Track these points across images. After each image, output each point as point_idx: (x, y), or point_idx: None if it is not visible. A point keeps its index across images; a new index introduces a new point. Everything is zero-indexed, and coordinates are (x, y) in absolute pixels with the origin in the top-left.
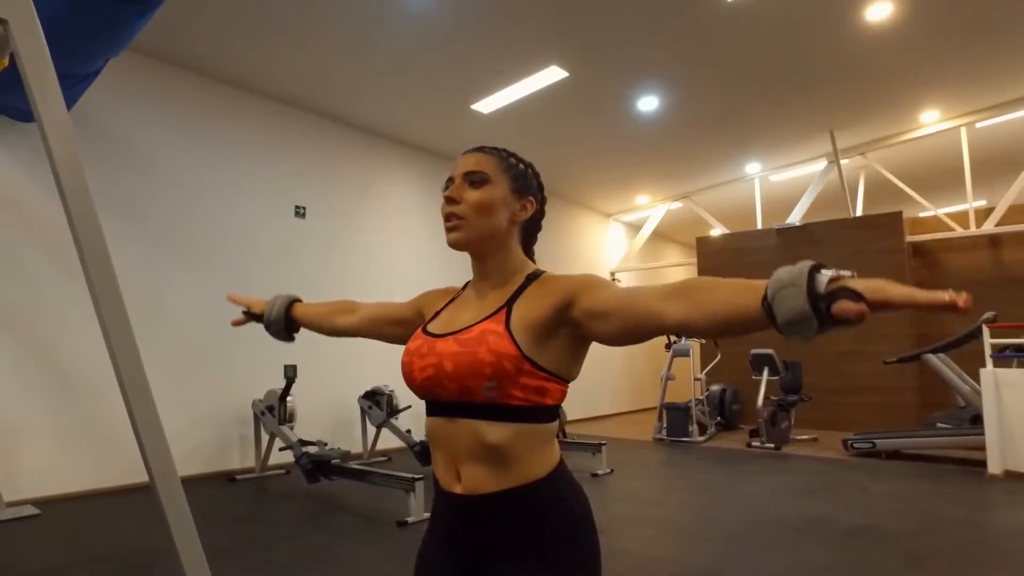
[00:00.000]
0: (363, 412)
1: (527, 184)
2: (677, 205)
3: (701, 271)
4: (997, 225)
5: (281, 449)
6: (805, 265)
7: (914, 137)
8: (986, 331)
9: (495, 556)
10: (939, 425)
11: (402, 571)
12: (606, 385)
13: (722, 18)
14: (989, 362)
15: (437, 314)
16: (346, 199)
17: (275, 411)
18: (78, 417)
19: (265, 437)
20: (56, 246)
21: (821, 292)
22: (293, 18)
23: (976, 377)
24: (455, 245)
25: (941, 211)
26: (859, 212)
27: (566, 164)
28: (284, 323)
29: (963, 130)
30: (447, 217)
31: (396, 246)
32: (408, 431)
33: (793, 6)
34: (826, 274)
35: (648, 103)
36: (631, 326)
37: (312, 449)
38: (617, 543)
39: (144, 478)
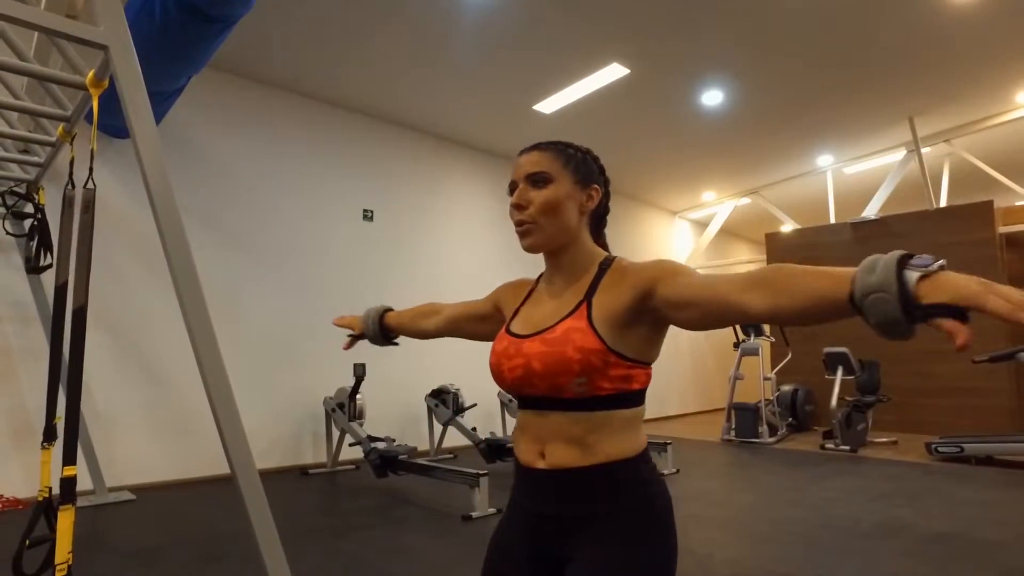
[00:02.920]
0: (430, 410)
1: (589, 172)
2: (745, 201)
3: None
4: None
5: (351, 445)
6: (892, 263)
7: (1007, 120)
8: None
9: (570, 536)
10: None
11: (466, 562)
12: (674, 386)
13: (787, 4)
14: None
15: (516, 312)
16: (412, 202)
17: (345, 408)
18: (168, 411)
19: (336, 433)
20: (147, 251)
21: (915, 302)
22: (360, 29)
23: None
24: (531, 249)
25: None
26: (943, 203)
27: (629, 162)
28: (381, 335)
29: None
30: (518, 223)
31: (462, 247)
32: (474, 429)
33: None
34: (914, 272)
35: (712, 97)
36: (713, 316)
37: (380, 445)
38: (681, 543)
39: (225, 469)
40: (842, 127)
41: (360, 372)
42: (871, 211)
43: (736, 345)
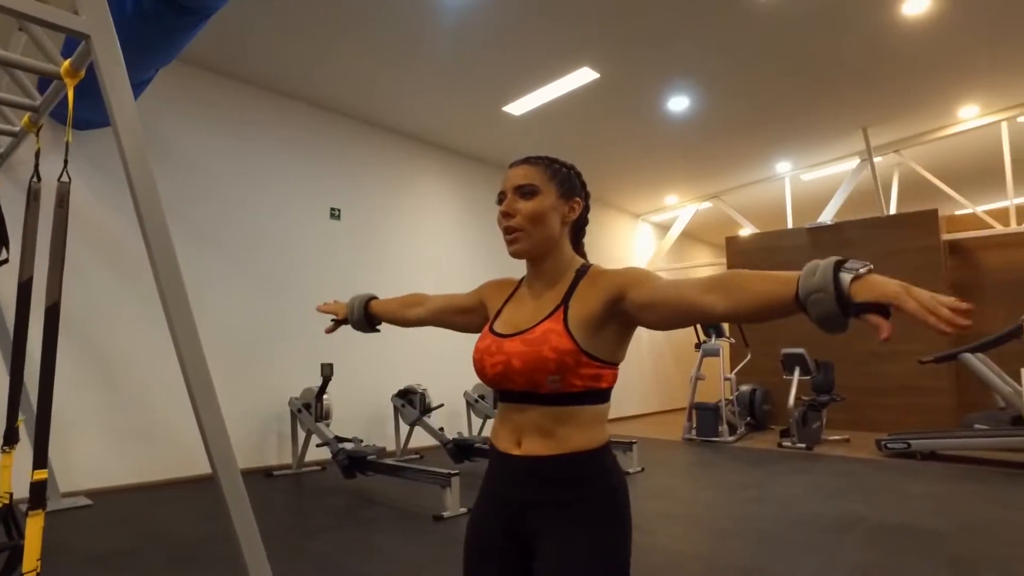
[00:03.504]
0: (396, 410)
1: (572, 186)
2: (706, 205)
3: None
4: None
5: (318, 445)
6: (829, 267)
7: (951, 133)
8: None
9: (539, 519)
10: (977, 426)
11: (440, 562)
12: (636, 386)
13: (754, 16)
14: None
15: (499, 312)
16: (380, 201)
17: (312, 409)
18: (126, 414)
19: (302, 434)
20: (107, 249)
21: (850, 300)
22: (331, 27)
23: (1017, 377)
24: (517, 255)
25: (980, 208)
26: (893, 210)
27: (596, 164)
28: (365, 321)
29: (1004, 125)
30: (506, 231)
31: (429, 247)
32: (441, 429)
33: (826, 2)
34: (847, 274)
35: (679, 103)
36: (678, 316)
37: (348, 446)
38: (649, 539)
39: (188, 472)
40: (800, 135)
41: (328, 372)
42: (826, 217)
43: (698, 346)
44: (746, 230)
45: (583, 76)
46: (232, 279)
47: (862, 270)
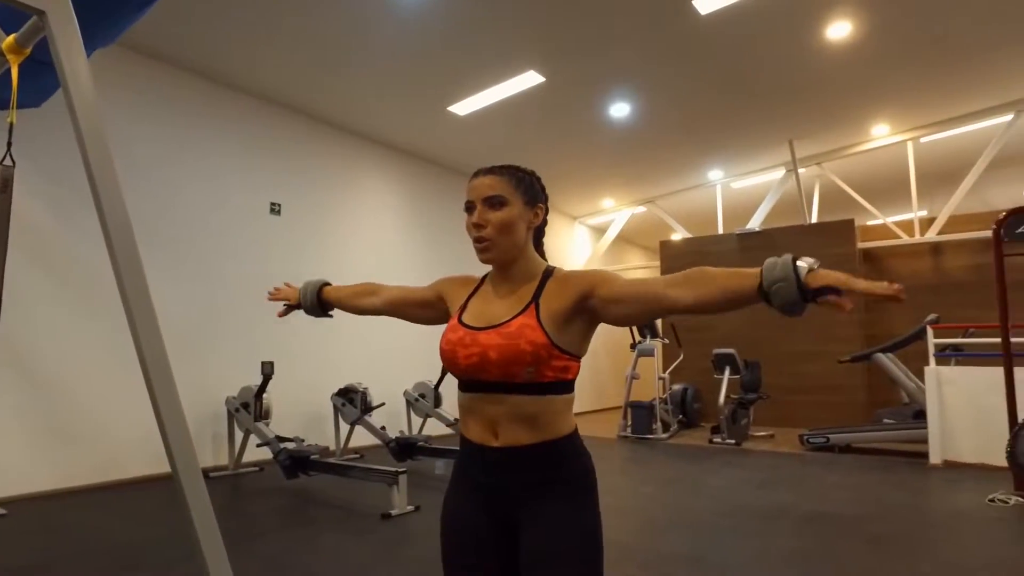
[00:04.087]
0: (336, 409)
1: (535, 193)
2: (641, 209)
3: (664, 273)
4: (939, 234)
5: (258, 446)
6: (788, 261)
7: (865, 149)
8: (930, 332)
9: (522, 499)
10: (886, 421)
11: (390, 560)
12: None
13: (695, 30)
14: (932, 360)
15: (465, 306)
16: (321, 197)
17: (250, 408)
18: (45, 416)
19: (239, 434)
20: (26, 239)
21: (806, 286)
22: (276, 16)
23: (920, 375)
24: (488, 263)
25: (889, 220)
26: (814, 219)
27: (536, 166)
28: (317, 306)
29: (909, 144)
30: (477, 240)
31: (371, 246)
32: (383, 428)
33: (761, 22)
34: (803, 266)
35: (620, 109)
36: (645, 309)
37: (290, 445)
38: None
39: (118, 475)
40: (732, 145)
41: (268, 370)
42: (754, 223)
43: (633, 346)
44: (679, 234)
45: (529, 79)
46: (166, 272)
47: (815, 265)
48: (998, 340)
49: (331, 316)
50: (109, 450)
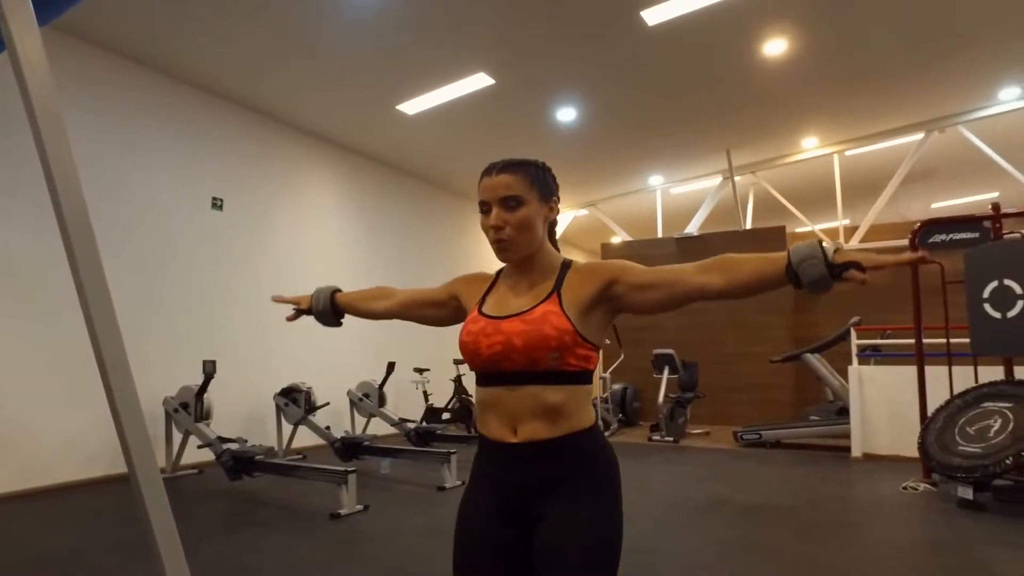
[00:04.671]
0: (278, 409)
1: (549, 187)
2: (584, 212)
3: None
4: (861, 242)
5: (199, 447)
6: (815, 241)
7: (796, 160)
8: (853, 333)
9: (545, 494)
10: (812, 417)
11: (342, 559)
12: None
13: (643, 41)
14: (855, 360)
15: (483, 300)
16: (265, 194)
17: (190, 408)
18: None
19: (177, 436)
20: None
21: (834, 263)
22: (224, 5)
23: (844, 374)
24: (507, 261)
25: (817, 227)
26: (749, 225)
27: (479, 167)
28: (331, 312)
29: (836, 157)
30: (497, 241)
31: (315, 243)
32: (327, 428)
33: (705, 36)
34: (829, 248)
35: (567, 114)
36: (674, 295)
37: (233, 446)
38: None
39: (42, 482)
40: (673, 152)
41: (210, 369)
42: (692, 228)
43: None
44: (619, 237)
45: (479, 81)
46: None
47: (840, 245)
48: (912, 341)
49: (341, 324)
50: (32, 455)
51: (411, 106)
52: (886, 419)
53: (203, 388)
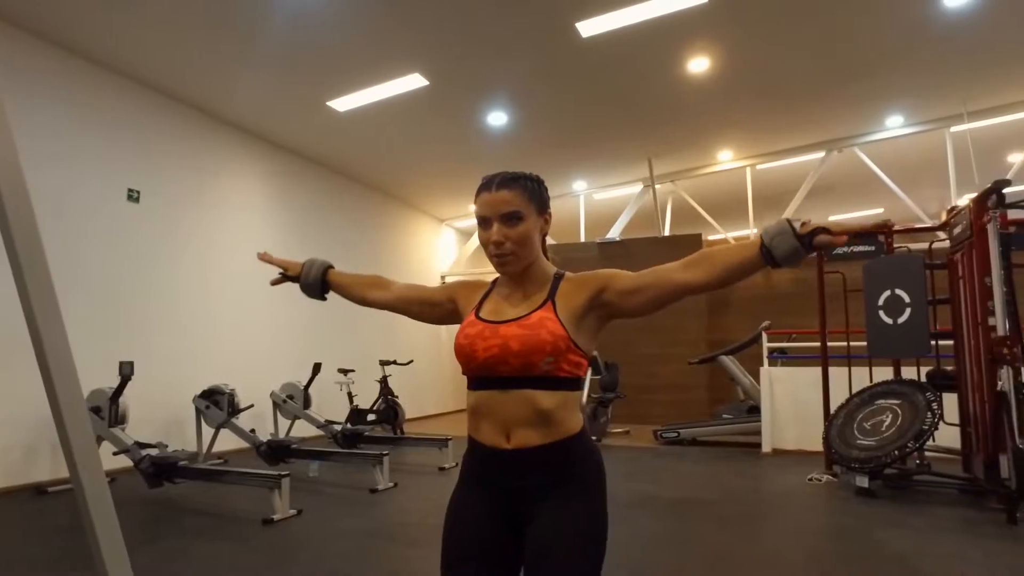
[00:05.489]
0: (199, 412)
1: (544, 200)
2: None
3: None
4: None
5: (115, 454)
6: (783, 219)
7: (713, 171)
8: (764, 336)
9: (537, 498)
10: (724, 416)
11: (278, 565)
12: (434, 386)
13: (575, 51)
14: (766, 362)
15: (480, 305)
16: (186, 186)
17: (103, 412)
18: None
19: None
20: None
21: (801, 233)
22: None
23: (755, 375)
24: (508, 274)
25: (730, 235)
26: (667, 231)
27: (410, 168)
28: (320, 286)
29: (748, 170)
30: (498, 255)
31: (238, 242)
32: (252, 431)
33: (635, 50)
34: (796, 222)
35: (498, 118)
36: (663, 294)
37: (153, 452)
38: None
39: None
40: (597, 159)
41: (128, 371)
42: (614, 233)
43: None
44: None
45: (414, 81)
46: (5, 259)
47: (805, 219)
48: (817, 344)
49: (325, 299)
50: None
51: (342, 103)
52: (793, 416)
53: (118, 391)
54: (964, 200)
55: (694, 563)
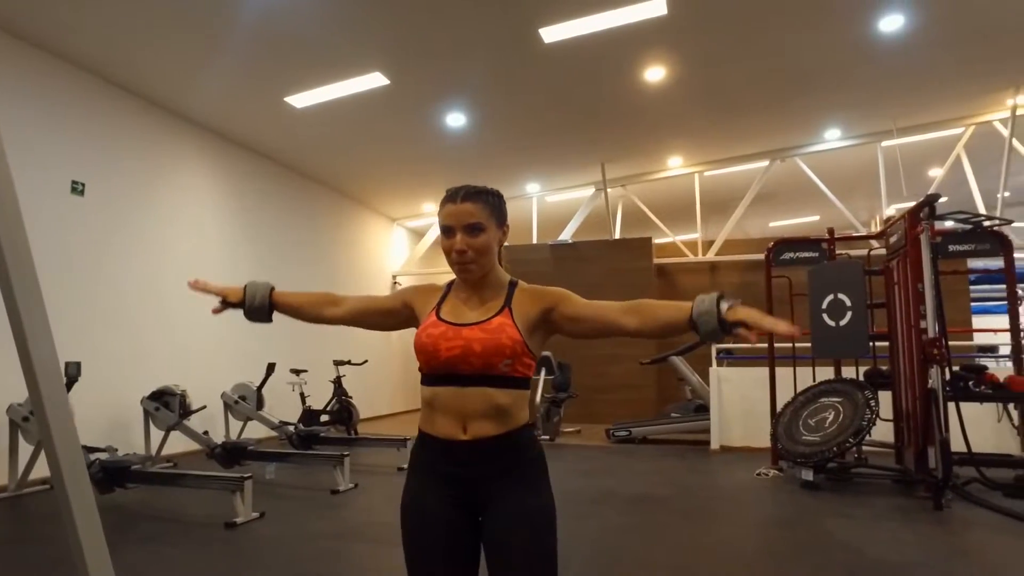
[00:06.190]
0: (148, 414)
1: (502, 213)
2: None
3: None
4: (716, 254)
5: None
6: (712, 299)
7: (663, 177)
8: None
9: (488, 485)
10: (673, 415)
11: (247, 568)
12: (384, 386)
13: (536, 56)
14: (714, 362)
15: (438, 308)
16: (134, 181)
17: None
18: None
19: (25, 448)
20: None
21: (725, 320)
22: None
23: (704, 375)
24: (468, 280)
25: (678, 238)
26: (618, 235)
27: (365, 166)
28: (267, 309)
29: (696, 176)
30: (461, 263)
31: (189, 239)
32: (206, 433)
33: (594, 57)
34: (724, 304)
35: (456, 120)
36: (597, 330)
37: (103, 456)
38: None
39: None
40: (550, 163)
41: (74, 372)
42: (566, 235)
43: None
44: None
45: (374, 80)
46: None
47: (735, 303)
48: (764, 345)
49: (271, 321)
50: None
51: (300, 99)
52: (740, 414)
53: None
54: (892, 210)
55: (662, 552)
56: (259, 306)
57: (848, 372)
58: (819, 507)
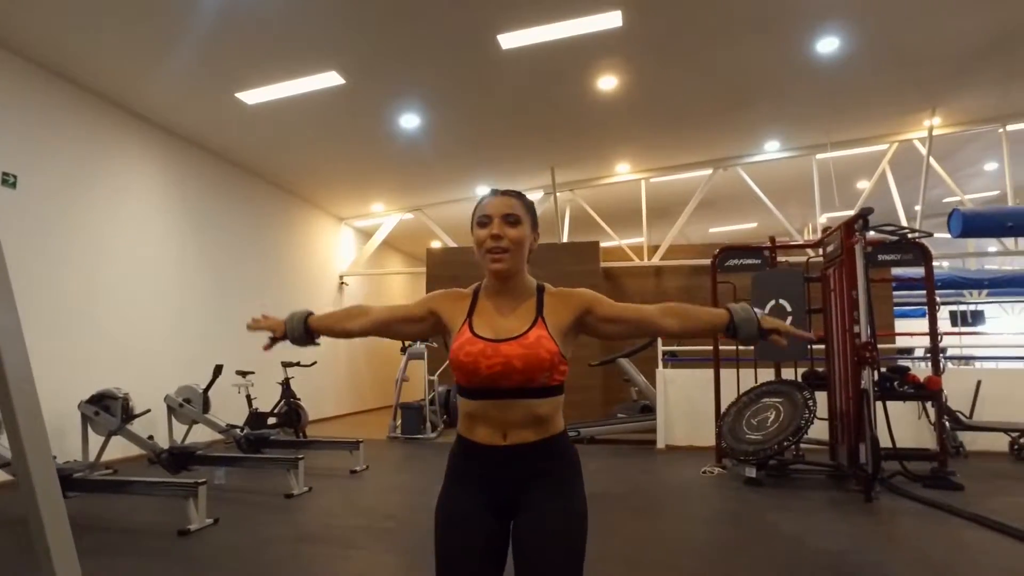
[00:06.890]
0: (85, 419)
1: (536, 220)
2: (409, 216)
3: (430, 280)
4: (661, 259)
5: None
6: (748, 307)
7: (610, 182)
8: (659, 340)
9: (526, 486)
10: (619, 415)
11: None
12: (330, 389)
13: (493, 61)
14: (661, 364)
15: (470, 319)
16: (71, 175)
17: None
18: None
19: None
20: None
21: (764, 328)
22: None
23: (650, 377)
24: (499, 272)
25: (624, 242)
26: (565, 238)
27: (314, 165)
28: (305, 335)
29: (643, 182)
30: (494, 250)
31: (131, 236)
32: (150, 437)
33: (550, 64)
34: (759, 313)
35: (410, 121)
36: (636, 330)
37: None
38: (413, 527)
39: None
40: (501, 165)
41: None
42: None
43: (403, 349)
44: (437, 242)
45: (330, 79)
46: None
47: (764, 314)
48: (710, 348)
49: (318, 344)
50: None
51: (252, 95)
52: (684, 415)
53: None
54: (824, 218)
55: (619, 547)
56: (299, 335)
57: (787, 374)
58: (761, 502)
